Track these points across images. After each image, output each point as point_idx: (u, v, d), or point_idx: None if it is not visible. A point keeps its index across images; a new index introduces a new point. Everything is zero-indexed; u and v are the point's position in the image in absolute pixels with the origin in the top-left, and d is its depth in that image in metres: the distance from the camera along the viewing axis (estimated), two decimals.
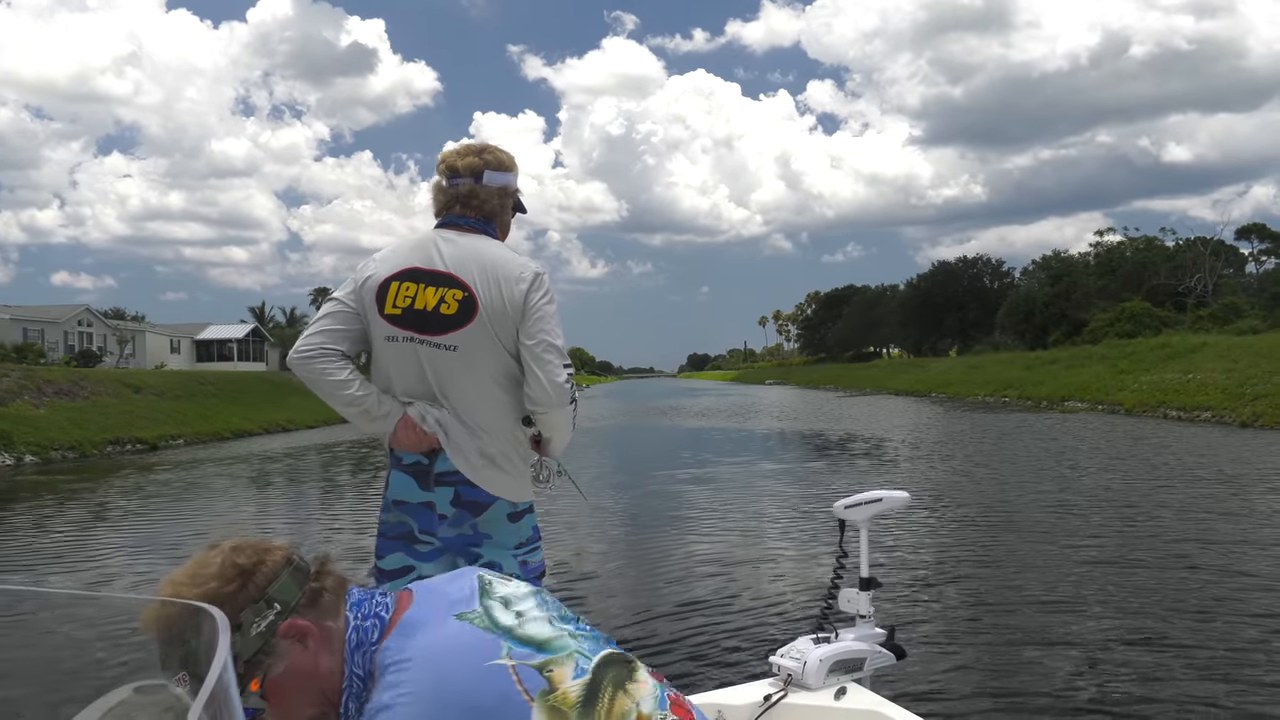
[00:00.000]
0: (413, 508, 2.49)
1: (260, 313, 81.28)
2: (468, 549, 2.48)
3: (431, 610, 1.43)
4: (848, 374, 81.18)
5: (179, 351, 59.61)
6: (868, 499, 3.00)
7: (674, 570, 8.11)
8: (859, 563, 3.01)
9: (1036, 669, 5.03)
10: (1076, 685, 4.77)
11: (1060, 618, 6.03)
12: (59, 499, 14.95)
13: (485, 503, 2.46)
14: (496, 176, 2.61)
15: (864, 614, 2.99)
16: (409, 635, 1.38)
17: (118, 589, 8.06)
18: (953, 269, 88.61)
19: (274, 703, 1.37)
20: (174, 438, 28.91)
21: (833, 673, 2.83)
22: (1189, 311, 50.38)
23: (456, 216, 2.58)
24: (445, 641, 1.37)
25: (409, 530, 2.50)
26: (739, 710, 2.74)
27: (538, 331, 2.48)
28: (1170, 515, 9.86)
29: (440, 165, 2.63)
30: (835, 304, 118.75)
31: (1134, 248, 65.14)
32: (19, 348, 41.05)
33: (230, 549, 1.39)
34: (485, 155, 2.61)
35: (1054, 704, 4.53)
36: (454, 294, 2.44)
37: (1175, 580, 6.93)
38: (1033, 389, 40.38)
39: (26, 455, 22.67)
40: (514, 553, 2.51)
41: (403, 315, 2.46)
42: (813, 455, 20.03)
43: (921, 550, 8.44)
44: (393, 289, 2.48)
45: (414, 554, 2.49)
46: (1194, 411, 26.94)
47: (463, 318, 2.43)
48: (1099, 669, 4.99)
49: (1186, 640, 5.42)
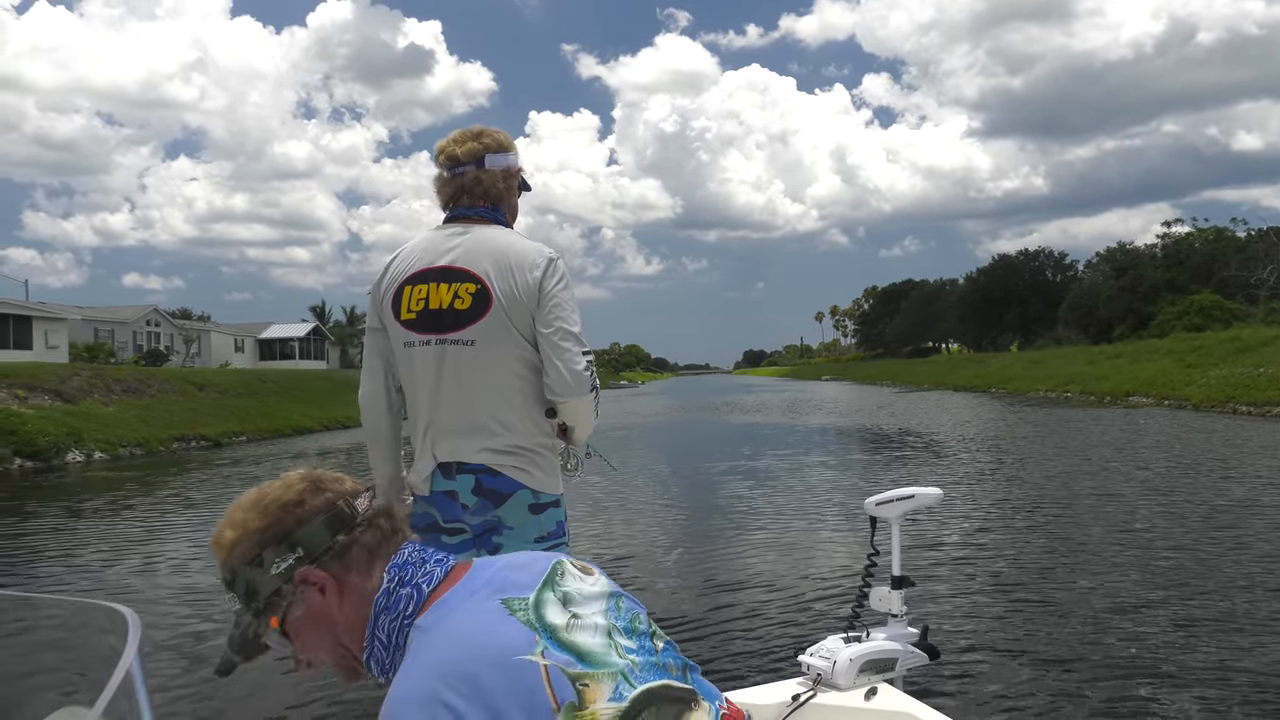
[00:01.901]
0: (435, 497, 2.49)
1: (321, 312, 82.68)
2: (489, 539, 2.46)
3: (478, 588, 1.34)
4: (906, 370, 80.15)
5: (243, 350, 60.98)
6: (900, 495, 2.94)
7: (705, 563, 8.10)
8: (891, 561, 2.96)
9: (1076, 675, 4.88)
10: (1118, 693, 4.61)
11: (1104, 623, 5.84)
12: (128, 494, 15.38)
13: (506, 492, 2.43)
14: (498, 159, 2.57)
15: (896, 613, 2.93)
16: (444, 614, 1.31)
17: (188, 575, 8.26)
18: (1013, 262, 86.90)
19: (294, 642, 1.39)
20: (236, 434, 29.58)
21: (863, 673, 2.78)
22: (1261, 304, 48.77)
23: (464, 207, 2.56)
24: (474, 624, 1.27)
25: (433, 520, 2.49)
26: (767, 710, 2.70)
27: (554, 319, 2.44)
28: (1231, 515, 9.54)
29: (439, 157, 2.59)
30: (893, 299, 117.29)
31: (1203, 239, 63.25)
32: (90, 347, 42.37)
33: (295, 480, 1.42)
34: (484, 139, 2.57)
35: (1095, 711, 4.40)
36: (467, 288, 2.42)
37: (1234, 588, 6.69)
38: (1096, 384, 39.44)
39: (96, 452, 23.37)
40: (534, 547, 2.45)
41: (418, 318, 2.46)
42: (860, 451, 19.81)
43: (959, 548, 8.27)
44: (406, 293, 2.47)
45: (442, 547, 2.45)
46: (1265, 407, 26.09)
47: (477, 311, 2.41)
48: (1145, 678, 4.82)
49: (1245, 655, 5.24)
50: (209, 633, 6.25)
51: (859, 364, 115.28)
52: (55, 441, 22.17)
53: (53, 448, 21.94)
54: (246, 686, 5.12)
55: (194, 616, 6.74)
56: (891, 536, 2.97)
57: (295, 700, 4.91)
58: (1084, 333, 63.01)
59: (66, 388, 27.34)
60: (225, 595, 1.39)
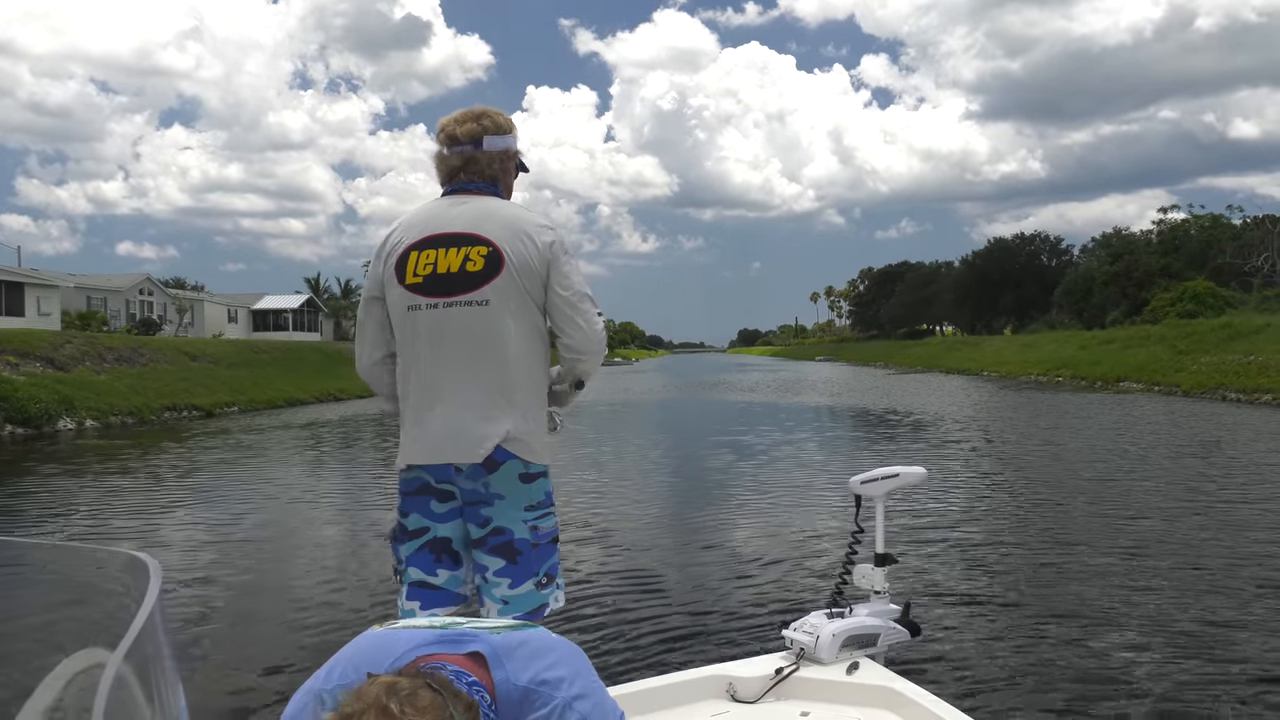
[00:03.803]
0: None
1: (315, 284, 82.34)
2: (479, 509, 2.47)
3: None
4: (899, 351, 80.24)
5: (236, 321, 60.79)
6: (884, 474, 2.98)
7: (691, 538, 8.18)
8: (875, 538, 3.00)
9: (1054, 648, 4.98)
10: (1096, 664, 4.71)
11: (1081, 597, 5.94)
12: (124, 461, 15.39)
13: (500, 460, 2.43)
14: (497, 140, 2.60)
15: (879, 590, 2.97)
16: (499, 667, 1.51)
17: (190, 547, 8.29)
18: (1010, 246, 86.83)
19: None
20: (229, 405, 29.57)
21: (846, 647, 2.82)
22: (1255, 292, 48.87)
23: (463, 182, 2.58)
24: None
25: (425, 483, 2.49)
26: (751, 682, 2.74)
27: (571, 282, 2.49)
28: (1203, 496, 9.63)
29: (440, 135, 2.61)
30: (888, 280, 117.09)
31: (1198, 226, 63.25)
32: (82, 315, 42.21)
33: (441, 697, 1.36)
34: (484, 120, 2.59)
35: (1071, 682, 4.47)
36: (478, 250, 2.43)
37: (1206, 561, 6.78)
38: (1088, 369, 39.58)
39: (88, 420, 23.36)
40: (524, 516, 2.47)
41: (425, 283, 2.45)
42: (847, 430, 19.90)
43: (941, 527, 8.34)
44: (412, 258, 2.47)
45: (430, 514, 2.49)
46: (1254, 394, 26.23)
47: (490, 272, 2.42)
48: (1121, 648, 4.91)
49: (1214, 624, 5.31)
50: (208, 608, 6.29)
51: (853, 345, 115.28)
52: (47, 409, 22.14)
53: (44, 415, 21.92)
54: (240, 640, 5.20)
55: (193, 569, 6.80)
56: (876, 515, 3.01)
57: (305, 644, 4.99)
58: (1078, 317, 63.08)
59: (58, 355, 27.27)
60: None
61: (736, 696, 2.71)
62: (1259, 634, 5.15)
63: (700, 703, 2.71)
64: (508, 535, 2.44)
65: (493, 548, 2.45)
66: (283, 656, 5.16)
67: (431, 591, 2.48)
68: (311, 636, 5.54)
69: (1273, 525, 8.21)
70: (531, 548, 2.46)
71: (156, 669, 0.86)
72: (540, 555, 2.48)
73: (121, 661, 0.79)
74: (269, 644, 5.45)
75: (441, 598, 2.48)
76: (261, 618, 6.08)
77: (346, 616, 5.89)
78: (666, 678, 2.82)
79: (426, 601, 2.47)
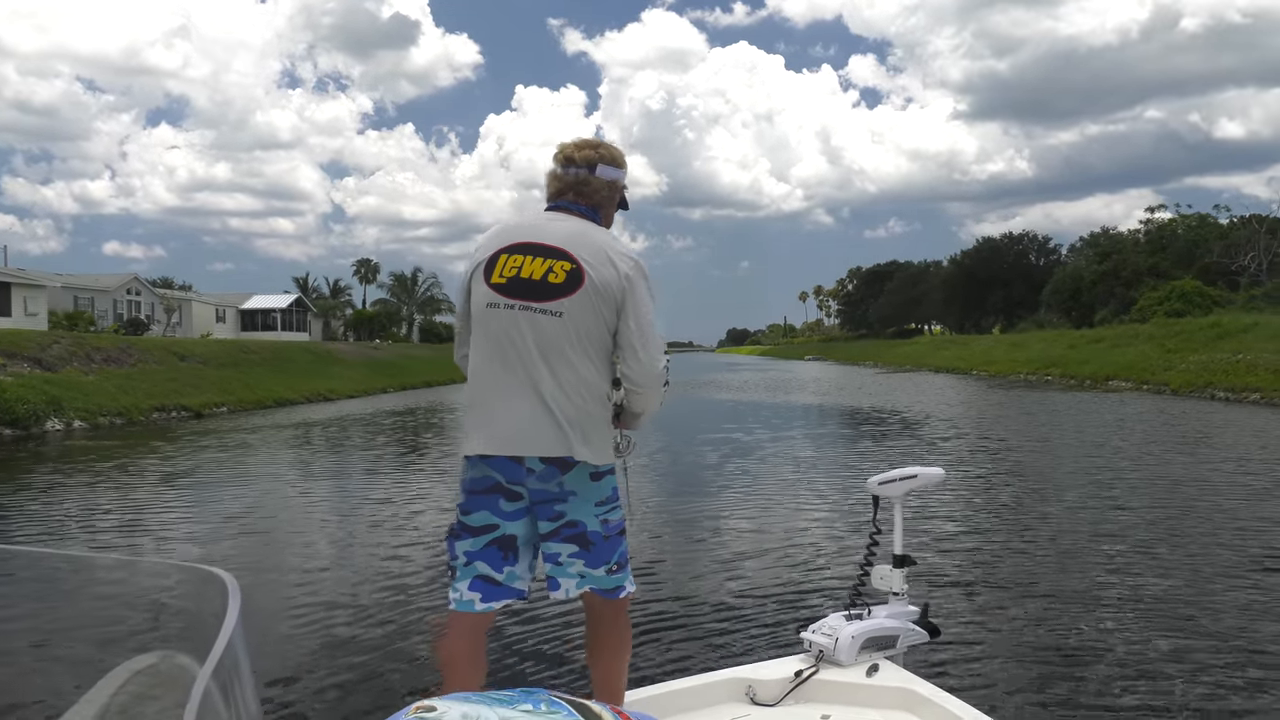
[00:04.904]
0: (499, 461, 2.55)
1: (304, 283, 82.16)
2: (552, 506, 2.57)
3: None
4: (888, 350, 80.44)
5: (224, 321, 60.50)
6: (902, 475, 2.97)
7: (706, 542, 8.13)
8: (893, 539, 2.98)
9: (1073, 651, 4.97)
10: (1113, 668, 4.70)
11: (1100, 600, 5.94)
12: (112, 464, 15.29)
13: (572, 462, 2.55)
14: (609, 170, 2.77)
15: (897, 591, 2.96)
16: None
17: (175, 554, 8.23)
18: (998, 245, 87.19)
19: None
20: (218, 405, 29.40)
21: (865, 650, 2.81)
22: (1242, 291, 49.18)
23: (568, 202, 2.73)
24: None
25: (496, 482, 2.57)
26: (770, 685, 2.73)
27: (643, 315, 2.62)
28: (1215, 497, 9.67)
29: (558, 155, 2.78)
30: (877, 280, 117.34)
31: (1185, 225, 63.61)
32: (70, 315, 41.94)
33: None
34: (601, 150, 2.78)
35: (1090, 686, 4.47)
36: (562, 265, 2.57)
37: (1220, 566, 6.80)
38: (1076, 367, 39.76)
39: (76, 420, 23.19)
40: (596, 510, 2.60)
41: (508, 284, 2.59)
42: (848, 430, 19.91)
43: (958, 528, 8.36)
44: (501, 260, 2.62)
45: (499, 512, 2.57)
46: (1242, 393, 26.39)
47: (570, 286, 2.56)
48: (1138, 654, 4.91)
49: (1226, 630, 5.32)
50: None
51: (842, 344, 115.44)
52: (34, 410, 21.97)
53: (32, 416, 21.74)
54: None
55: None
56: (894, 516, 2.99)
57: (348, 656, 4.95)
58: (1066, 316, 63.38)
59: (46, 355, 27.08)
60: None
61: (756, 699, 2.70)
62: None
63: (720, 705, 2.70)
64: (580, 527, 2.58)
65: (566, 537, 2.58)
66: (295, 665, 5.12)
67: (495, 586, 2.57)
68: (318, 639, 5.51)
69: None
70: (604, 539, 2.60)
71: (237, 685, 0.86)
72: (611, 546, 2.62)
73: (208, 677, 0.79)
74: (276, 652, 5.40)
75: (503, 592, 2.57)
76: (268, 616, 6.03)
77: (370, 622, 5.85)
78: (686, 680, 2.81)
79: (489, 594, 2.56)
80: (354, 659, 5.20)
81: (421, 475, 13.57)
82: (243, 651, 0.88)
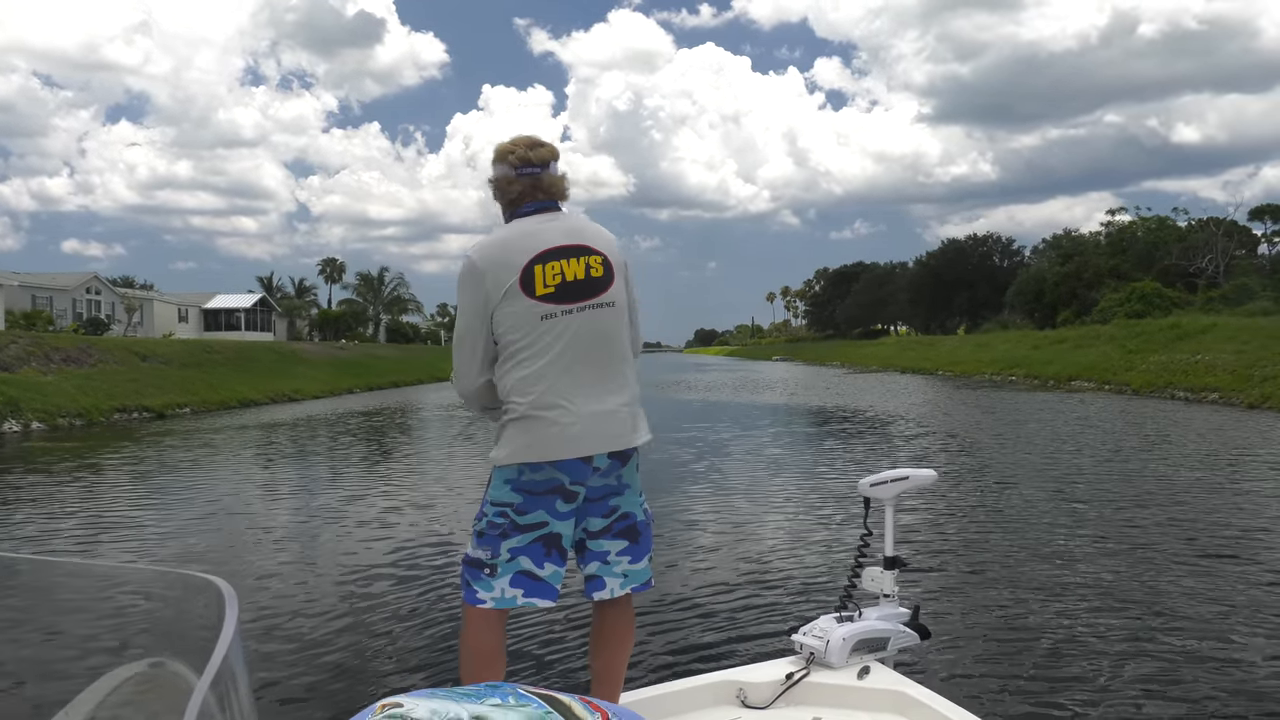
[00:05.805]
0: (569, 464, 2.54)
1: (268, 283, 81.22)
2: (607, 501, 2.64)
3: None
4: (855, 351, 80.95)
5: (187, 320, 59.68)
6: (894, 477, 2.96)
7: (695, 544, 8.09)
8: (884, 541, 2.98)
9: (1063, 651, 5.00)
10: (1103, 668, 4.73)
11: (1088, 600, 5.98)
12: (75, 466, 14.99)
13: (629, 452, 2.64)
14: (557, 166, 2.81)
15: (888, 593, 2.95)
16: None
17: (144, 559, 8.07)
18: (963, 247, 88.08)
19: None
20: (181, 406, 28.95)
21: (856, 652, 2.80)
22: (1200, 292, 50.07)
23: (543, 201, 2.74)
24: None
25: (560, 484, 2.56)
26: (761, 688, 2.71)
27: (634, 290, 2.80)
28: (1196, 497, 9.82)
29: (510, 156, 2.75)
30: (844, 281, 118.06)
31: (1145, 228, 64.65)
32: (28, 315, 41.12)
33: None
34: (548, 148, 2.81)
35: (1081, 686, 4.49)
36: (595, 259, 2.65)
37: (1206, 566, 6.88)
38: (1040, 368, 40.25)
39: (34, 422, 22.73)
40: (639, 500, 2.69)
41: (558, 291, 2.59)
42: (825, 431, 20.01)
43: (948, 529, 8.39)
44: (539, 271, 2.59)
45: (554, 511, 2.57)
46: (1201, 393, 26.84)
47: (610, 277, 2.67)
48: (1133, 655, 4.93)
49: (1211, 628, 5.39)
50: None
51: (809, 345, 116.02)
52: None
53: None
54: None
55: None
56: (885, 518, 2.98)
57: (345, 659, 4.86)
58: (1030, 317, 64.17)
59: (3, 355, 26.53)
60: None
61: (747, 702, 2.68)
62: None
63: (711, 708, 2.68)
64: (631, 519, 2.66)
65: (617, 532, 2.65)
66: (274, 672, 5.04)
67: (536, 582, 2.58)
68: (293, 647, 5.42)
69: None
70: (647, 528, 2.71)
71: (235, 697, 0.84)
72: (649, 533, 2.73)
73: (203, 688, 0.77)
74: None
75: (543, 589, 2.59)
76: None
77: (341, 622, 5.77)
78: (677, 683, 2.78)
79: (529, 591, 2.58)
80: (325, 658, 5.15)
81: (391, 476, 13.43)
82: (241, 662, 0.86)
